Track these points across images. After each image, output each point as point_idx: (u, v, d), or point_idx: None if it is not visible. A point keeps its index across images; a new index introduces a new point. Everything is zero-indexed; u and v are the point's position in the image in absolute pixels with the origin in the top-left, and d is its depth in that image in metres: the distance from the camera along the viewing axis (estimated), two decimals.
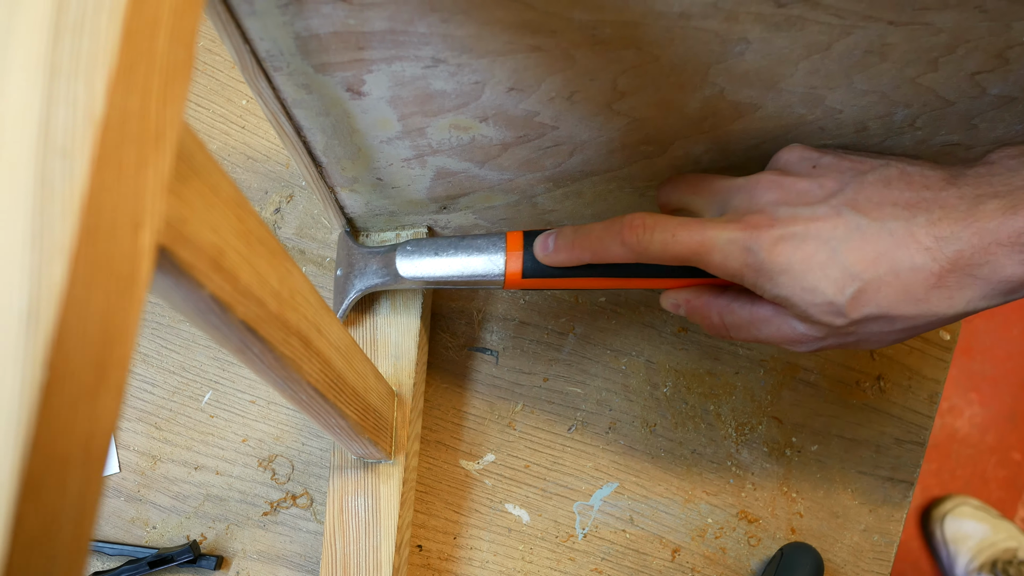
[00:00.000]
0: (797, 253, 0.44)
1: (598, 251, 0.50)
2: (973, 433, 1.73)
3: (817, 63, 0.44)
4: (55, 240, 0.19)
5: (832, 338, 0.47)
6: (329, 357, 0.42)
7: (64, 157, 0.19)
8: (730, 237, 0.45)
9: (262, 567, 0.65)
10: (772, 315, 0.48)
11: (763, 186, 0.47)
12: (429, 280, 0.57)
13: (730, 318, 0.50)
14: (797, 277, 0.44)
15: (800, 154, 0.49)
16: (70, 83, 0.20)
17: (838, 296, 0.43)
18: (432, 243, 0.57)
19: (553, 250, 0.52)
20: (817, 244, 0.44)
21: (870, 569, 0.66)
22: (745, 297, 0.49)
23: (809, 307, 0.44)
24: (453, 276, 0.56)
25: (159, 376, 0.68)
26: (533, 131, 0.50)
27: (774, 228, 0.44)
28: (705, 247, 0.46)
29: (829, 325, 0.45)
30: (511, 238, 0.55)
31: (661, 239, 0.47)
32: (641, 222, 0.48)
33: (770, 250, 0.44)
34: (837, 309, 0.44)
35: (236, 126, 0.73)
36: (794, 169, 0.48)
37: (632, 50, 0.42)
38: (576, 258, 0.51)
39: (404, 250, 0.57)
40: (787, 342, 0.48)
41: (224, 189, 0.29)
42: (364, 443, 0.54)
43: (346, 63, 0.43)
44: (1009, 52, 0.43)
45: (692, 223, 0.47)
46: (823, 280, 0.44)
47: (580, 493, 0.66)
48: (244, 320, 0.31)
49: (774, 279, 0.45)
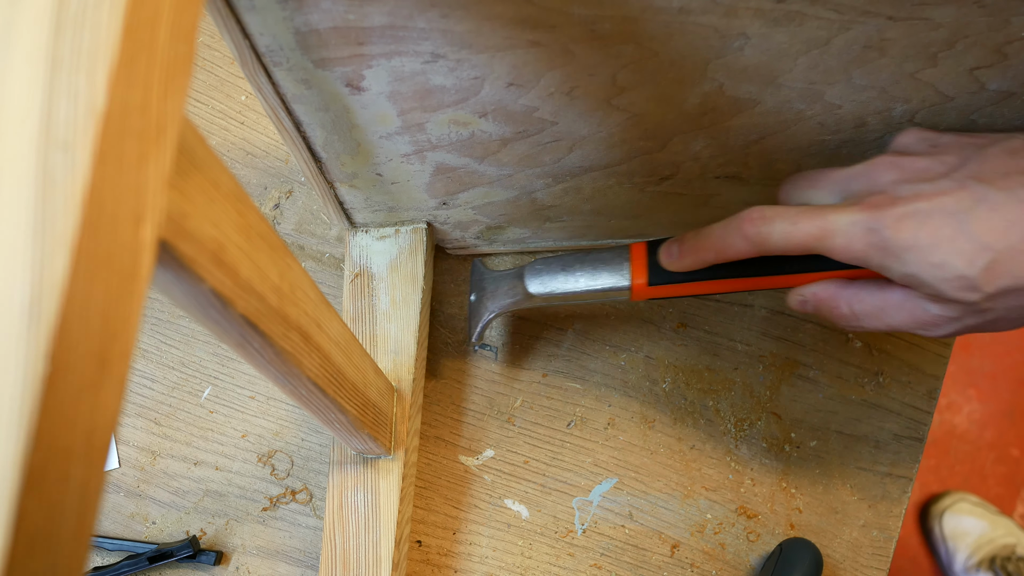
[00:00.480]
0: (923, 229, 0.42)
1: (721, 249, 0.49)
2: (972, 429, 1.73)
3: (816, 58, 0.44)
4: (57, 233, 0.19)
5: (969, 317, 0.44)
6: (329, 352, 0.42)
7: (66, 150, 0.19)
8: (852, 219, 0.44)
9: (262, 562, 0.65)
10: (903, 299, 0.46)
11: (881, 168, 0.46)
12: (558, 295, 0.58)
13: (860, 307, 0.48)
14: (925, 253, 0.42)
15: (917, 135, 0.48)
16: (71, 76, 0.20)
17: (969, 269, 0.42)
18: (559, 260, 0.58)
19: (678, 255, 0.52)
20: (943, 218, 0.42)
21: (869, 564, 0.66)
22: (874, 285, 0.48)
23: (940, 283, 0.43)
24: (581, 290, 0.57)
25: (158, 372, 0.68)
26: (532, 127, 0.50)
27: (896, 206, 0.43)
28: (827, 231, 0.45)
29: (963, 302, 0.43)
30: (635, 249, 0.56)
31: (782, 228, 0.46)
32: (760, 214, 0.47)
33: (894, 228, 0.43)
34: (970, 283, 0.42)
35: (235, 122, 0.73)
36: (912, 149, 0.47)
37: (631, 45, 0.42)
38: (700, 260, 0.51)
39: (532, 269, 0.58)
40: (921, 327, 0.46)
41: (225, 184, 0.29)
42: (364, 438, 0.54)
43: (346, 58, 0.43)
44: (1008, 47, 0.43)
45: (812, 209, 0.46)
46: (952, 254, 0.42)
47: (579, 489, 0.67)
48: (244, 315, 0.31)
49: (901, 257, 0.43)
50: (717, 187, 0.58)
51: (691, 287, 0.54)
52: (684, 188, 0.59)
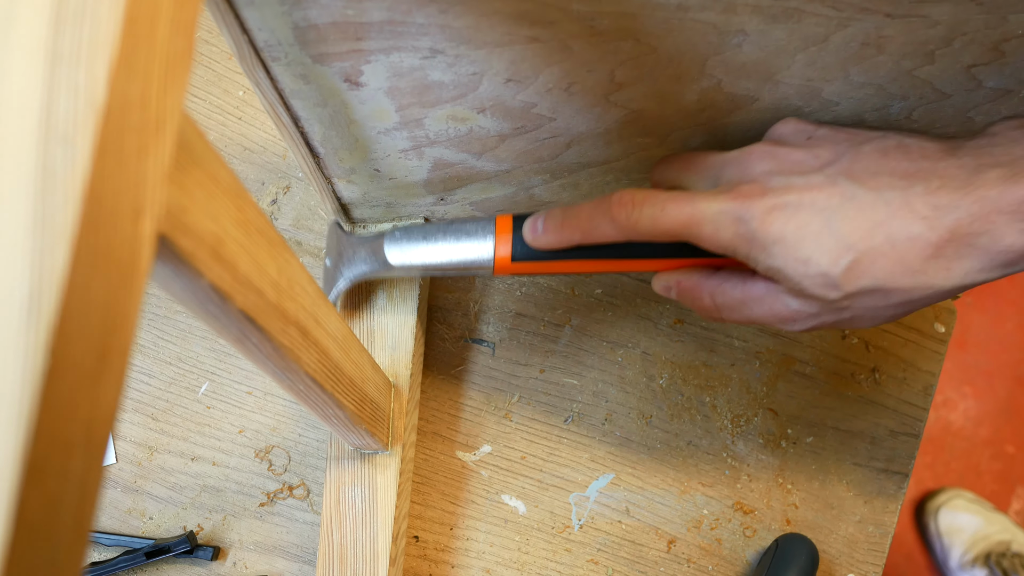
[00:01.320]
0: (790, 223, 0.42)
1: (588, 231, 0.49)
2: (967, 426, 1.74)
3: (814, 55, 0.44)
4: (57, 227, 0.19)
5: (826, 314, 0.45)
6: (327, 347, 0.42)
7: (66, 144, 0.19)
8: (721, 208, 0.44)
9: (259, 558, 0.65)
10: (764, 293, 0.46)
11: (756, 157, 0.46)
12: (418, 267, 0.56)
13: (721, 299, 0.49)
14: (790, 247, 0.43)
15: (795, 126, 0.48)
16: (71, 70, 0.20)
17: (832, 267, 0.42)
18: (421, 229, 0.56)
19: (542, 232, 0.51)
20: (811, 213, 0.42)
21: (865, 560, 0.67)
22: (736, 277, 0.48)
23: (802, 279, 0.43)
24: (442, 263, 0.55)
25: (156, 367, 0.68)
26: (530, 122, 0.50)
27: (766, 197, 0.43)
28: (695, 219, 0.45)
29: (823, 299, 0.44)
30: (500, 222, 0.54)
31: (650, 214, 0.46)
32: (630, 198, 0.46)
33: (762, 220, 0.43)
34: (831, 281, 0.43)
35: (233, 117, 0.73)
36: (789, 140, 0.47)
37: (630, 41, 0.42)
38: (566, 239, 0.50)
39: (392, 237, 0.56)
40: (780, 321, 0.47)
41: (224, 178, 0.29)
42: (361, 434, 0.54)
43: (344, 53, 0.43)
44: (1005, 45, 0.43)
45: (681, 196, 0.45)
46: (817, 250, 0.42)
47: (576, 484, 0.67)
48: (243, 309, 0.31)
49: (767, 249, 0.43)
50: None
51: (555, 265, 0.53)
52: None
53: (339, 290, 0.59)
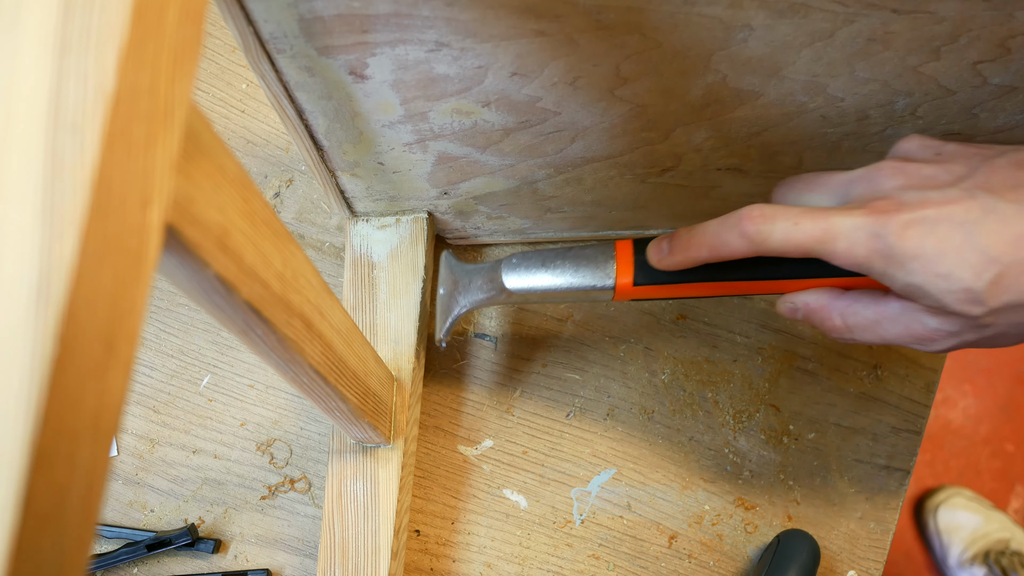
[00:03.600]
0: (929, 237, 0.41)
1: (716, 247, 0.47)
2: (967, 424, 1.74)
3: (820, 51, 0.44)
4: (65, 215, 0.19)
5: (967, 333, 0.43)
6: (331, 340, 0.42)
7: (74, 132, 0.19)
8: (856, 223, 0.42)
9: (260, 551, 0.65)
10: (900, 312, 0.45)
11: (885, 173, 0.44)
12: (535, 292, 0.55)
13: (853, 319, 0.47)
14: (930, 262, 0.41)
15: (920, 142, 0.46)
16: (80, 59, 0.20)
17: (976, 281, 0.40)
18: (538, 255, 0.55)
19: (668, 252, 0.50)
20: (951, 227, 0.41)
21: (866, 557, 0.67)
22: (868, 297, 0.47)
23: (944, 295, 0.41)
24: (561, 288, 0.54)
25: (157, 359, 0.68)
26: (535, 116, 0.50)
27: (903, 212, 0.42)
28: (830, 235, 0.43)
29: (965, 316, 0.42)
30: (620, 247, 0.53)
31: (783, 228, 0.44)
32: (760, 212, 0.45)
33: (900, 235, 0.41)
34: (975, 296, 0.41)
35: (236, 110, 0.73)
36: (916, 156, 0.45)
37: (636, 36, 0.42)
38: (693, 258, 0.48)
39: (510, 263, 0.55)
40: (917, 341, 0.45)
41: (230, 169, 0.29)
42: (363, 427, 0.54)
43: (350, 46, 0.43)
44: (1011, 41, 0.43)
45: (815, 211, 0.44)
46: (959, 265, 0.40)
47: (578, 479, 0.67)
48: (248, 300, 0.31)
49: (905, 266, 0.42)
50: (718, 179, 0.58)
51: (678, 289, 0.52)
52: (685, 180, 0.59)
53: (454, 318, 0.58)
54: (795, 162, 0.56)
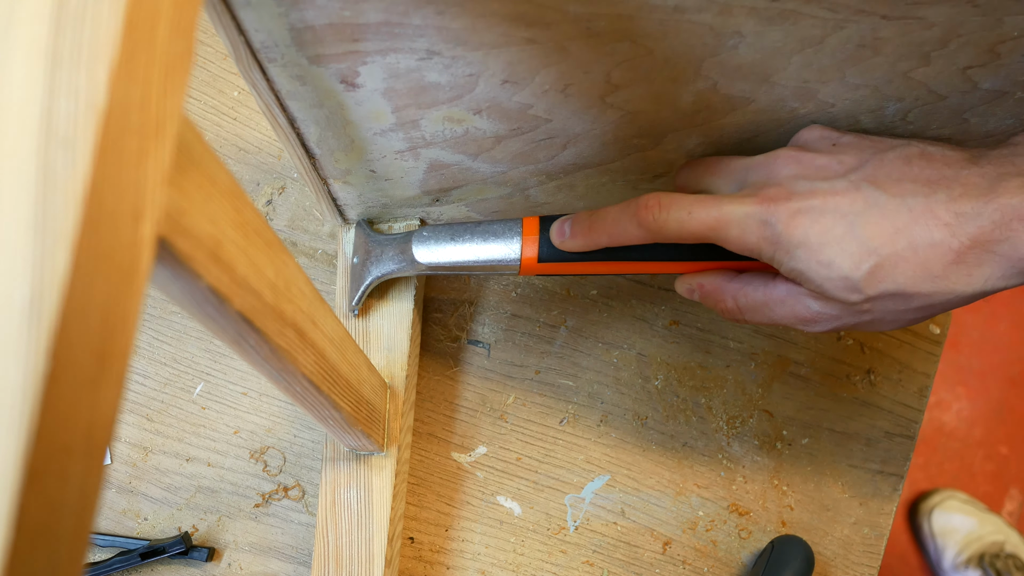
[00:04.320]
0: (814, 226, 0.43)
1: (614, 233, 0.50)
2: (960, 427, 1.74)
3: (810, 57, 0.44)
4: (57, 230, 0.19)
5: (847, 317, 0.46)
6: (324, 349, 0.42)
7: (66, 147, 0.19)
8: (747, 211, 0.45)
9: (254, 559, 0.65)
10: (786, 295, 0.47)
11: (781, 161, 0.47)
12: (444, 266, 0.57)
13: (744, 300, 0.50)
14: (814, 250, 0.43)
15: (820, 133, 0.48)
16: (72, 73, 0.20)
17: (854, 271, 0.43)
18: (448, 229, 0.57)
19: (570, 235, 0.52)
20: (835, 218, 0.43)
21: (860, 562, 0.67)
22: (759, 280, 0.49)
23: (825, 282, 0.44)
24: (469, 262, 0.56)
25: (151, 368, 0.68)
26: (527, 124, 0.50)
27: (791, 201, 0.44)
28: (722, 222, 0.45)
29: (844, 302, 0.45)
30: (527, 223, 0.55)
31: (677, 217, 0.46)
32: (656, 201, 0.47)
33: (787, 223, 0.44)
34: (853, 284, 0.43)
35: (228, 118, 0.73)
36: (813, 146, 0.48)
37: (626, 43, 0.43)
38: (593, 242, 0.51)
39: (420, 236, 0.57)
40: (801, 322, 0.48)
41: (222, 180, 0.29)
42: (357, 435, 0.54)
43: (341, 55, 0.43)
44: (1000, 47, 0.44)
45: (708, 199, 0.46)
46: (840, 254, 0.43)
47: (572, 486, 0.67)
48: (241, 311, 0.31)
49: (791, 252, 0.44)
50: None
51: (581, 266, 0.54)
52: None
53: (366, 287, 0.60)
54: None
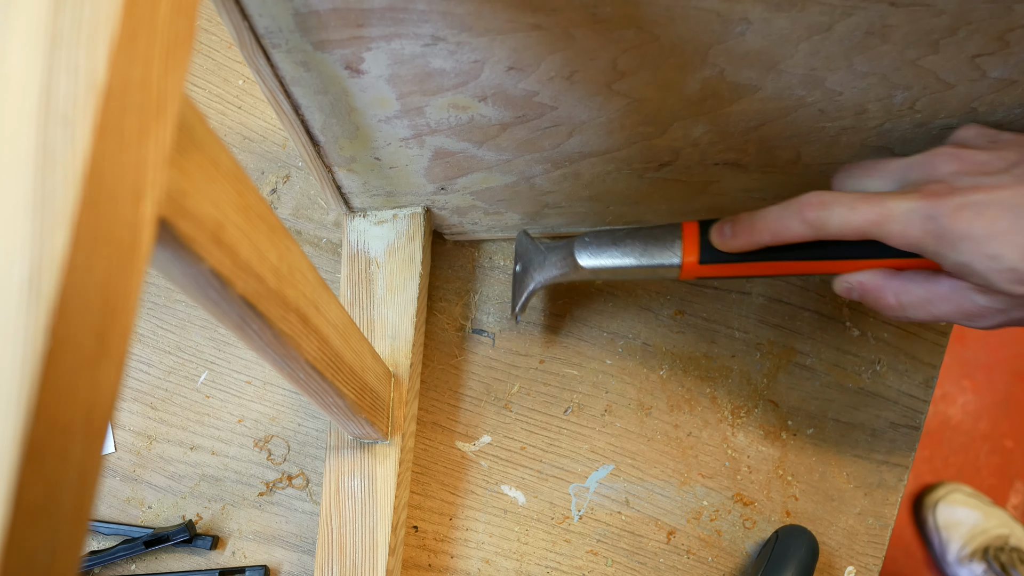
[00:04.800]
0: (979, 220, 0.43)
1: (777, 231, 0.50)
2: (966, 420, 1.74)
3: (818, 44, 0.44)
4: (57, 208, 0.19)
5: (1015, 310, 0.46)
6: (327, 335, 0.42)
7: (66, 125, 0.19)
8: (910, 206, 0.45)
9: (258, 547, 0.65)
10: (951, 291, 0.47)
11: (941, 159, 0.47)
12: (607, 269, 0.58)
13: (907, 297, 0.49)
14: (980, 243, 0.43)
15: (978, 131, 0.48)
16: (71, 52, 0.20)
17: (1021, 263, 0.43)
18: (609, 235, 0.58)
19: (731, 235, 0.52)
20: (1000, 210, 0.43)
21: (865, 552, 0.66)
22: (921, 276, 0.49)
23: (992, 274, 0.44)
24: (631, 265, 0.57)
25: (154, 356, 0.68)
26: (532, 111, 0.50)
27: (955, 196, 0.44)
28: (885, 217, 0.45)
29: (1012, 294, 0.44)
30: (687, 227, 0.55)
31: (841, 214, 0.47)
32: (819, 199, 0.47)
33: (952, 217, 0.44)
34: (1021, 276, 0.43)
35: (232, 106, 0.72)
36: (972, 143, 0.48)
37: (633, 29, 0.42)
38: (755, 241, 0.51)
39: (582, 242, 0.58)
40: (967, 317, 0.48)
41: (224, 163, 0.29)
42: (361, 423, 0.54)
43: (345, 40, 0.43)
44: (1010, 35, 0.43)
45: (871, 196, 0.46)
46: (1006, 246, 0.43)
47: (576, 475, 0.67)
48: (243, 295, 0.31)
49: (956, 246, 0.44)
50: (716, 173, 0.58)
51: (741, 267, 0.54)
52: (683, 174, 0.58)
53: (529, 293, 0.61)
54: (793, 156, 0.56)
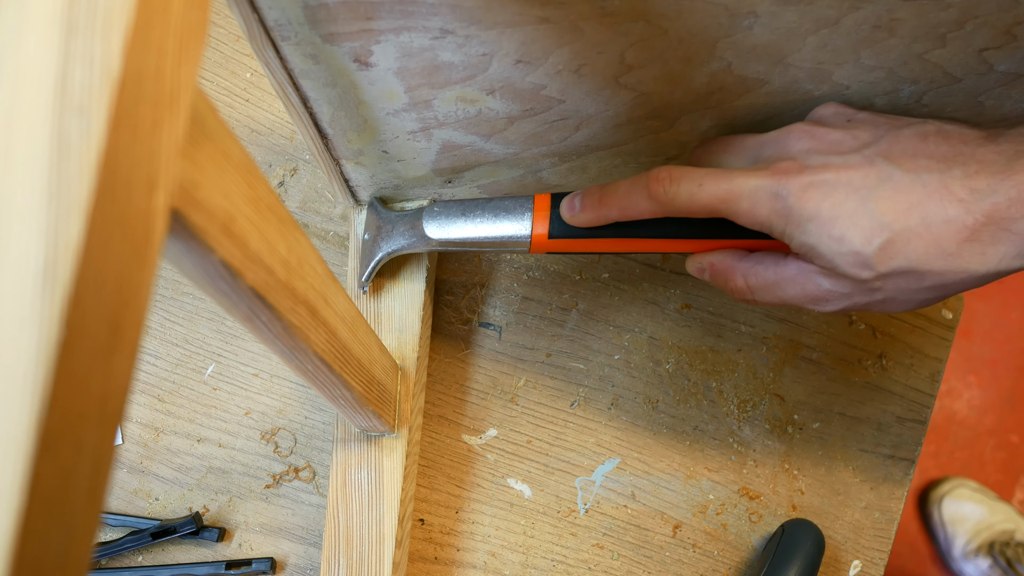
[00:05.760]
0: (826, 200, 0.43)
1: (625, 207, 0.49)
2: (971, 416, 1.74)
3: (825, 38, 0.44)
4: (72, 198, 0.19)
5: (858, 295, 0.45)
6: (335, 327, 0.42)
7: (81, 115, 0.19)
8: (758, 184, 0.44)
9: (264, 539, 0.65)
10: (797, 273, 0.47)
11: (794, 136, 0.46)
12: (455, 242, 0.57)
13: (754, 280, 0.49)
14: (825, 225, 0.43)
15: (835, 109, 0.48)
16: (87, 41, 0.20)
17: (866, 246, 0.42)
18: (459, 205, 0.57)
19: (580, 209, 0.52)
20: (847, 192, 0.42)
21: (870, 546, 0.67)
22: (769, 259, 0.49)
23: (836, 256, 0.43)
24: (479, 238, 0.56)
25: (162, 348, 0.68)
26: (540, 104, 0.50)
27: (804, 174, 0.43)
28: (733, 195, 0.45)
29: (855, 279, 0.44)
30: (538, 200, 0.55)
31: (688, 189, 0.46)
32: (667, 174, 0.47)
33: (799, 196, 0.43)
34: (864, 260, 0.43)
35: (240, 99, 0.73)
36: (828, 121, 0.47)
37: (640, 23, 0.42)
38: (603, 216, 0.51)
39: (431, 212, 0.57)
40: (811, 301, 0.47)
41: (235, 154, 0.29)
42: (368, 415, 0.54)
43: (354, 33, 0.43)
44: (1017, 28, 0.43)
45: (720, 172, 0.46)
46: (851, 228, 0.42)
47: (582, 468, 0.67)
48: (253, 287, 0.31)
49: (802, 226, 0.43)
50: None
51: (591, 243, 0.54)
52: None
53: (376, 263, 0.60)
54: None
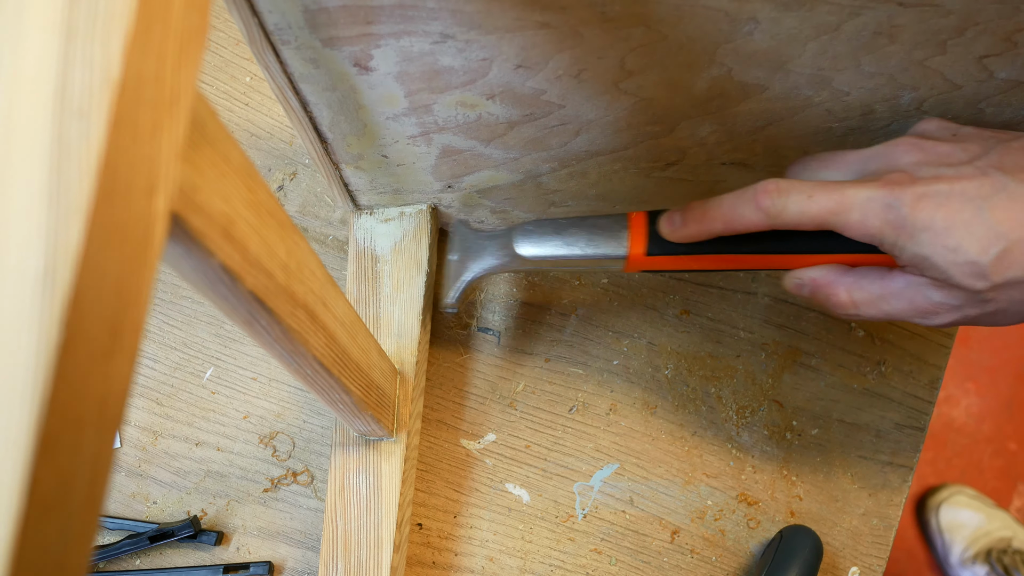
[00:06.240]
0: (940, 210, 0.42)
1: (730, 220, 0.48)
2: (969, 423, 1.73)
3: (826, 44, 0.44)
4: (72, 201, 0.19)
5: (969, 307, 0.45)
6: (334, 331, 0.42)
7: (81, 118, 0.19)
8: (870, 195, 0.44)
9: (262, 543, 0.65)
10: (905, 287, 0.46)
11: (902, 148, 0.46)
12: (548, 259, 0.56)
13: (859, 294, 0.48)
14: (939, 235, 0.42)
15: (939, 124, 0.47)
16: (87, 45, 0.20)
17: (982, 255, 0.42)
18: (552, 223, 0.56)
19: (681, 224, 0.51)
20: (962, 202, 0.42)
21: (869, 553, 0.66)
22: (874, 273, 0.48)
23: (950, 267, 0.43)
24: (573, 256, 0.55)
25: (161, 352, 0.68)
26: (540, 109, 0.50)
27: (916, 185, 0.43)
28: (843, 206, 0.44)
29: (969, 289, 0.43)
30: (634, 217, 0.54)
31: (797, 201, 0.45)
32: (775, 186, 0.46)
33: (912, 206, 0.43)
34: (980, 270, 0.42)
35: (240, 103, 0.73)
36: (934, 135, 0.47)
37: (641, 28, 0.42)
38: (706, 230, 0.49)
39: (523, 230, 0.56)
40: (920, 314, 0.46)
41: (235, 158, 0.29)
42: (367, 420, 0.54)
43: (354, 37, 0.43)
44: (1018, 35, 0.43)
45: (829, 184, 0.45)
46: (967, 238, 0.42)
47: (580, 474, 0.67)
48: (253, 291, 0.31)
49: (915, 237, 0.43)
50: (723, 173, 0.58)
51: (689, 260, 0.53)
52: (690, 174, 0.58)
53: (466, 283, 0.60)
54: (800, 157, 0.56)
